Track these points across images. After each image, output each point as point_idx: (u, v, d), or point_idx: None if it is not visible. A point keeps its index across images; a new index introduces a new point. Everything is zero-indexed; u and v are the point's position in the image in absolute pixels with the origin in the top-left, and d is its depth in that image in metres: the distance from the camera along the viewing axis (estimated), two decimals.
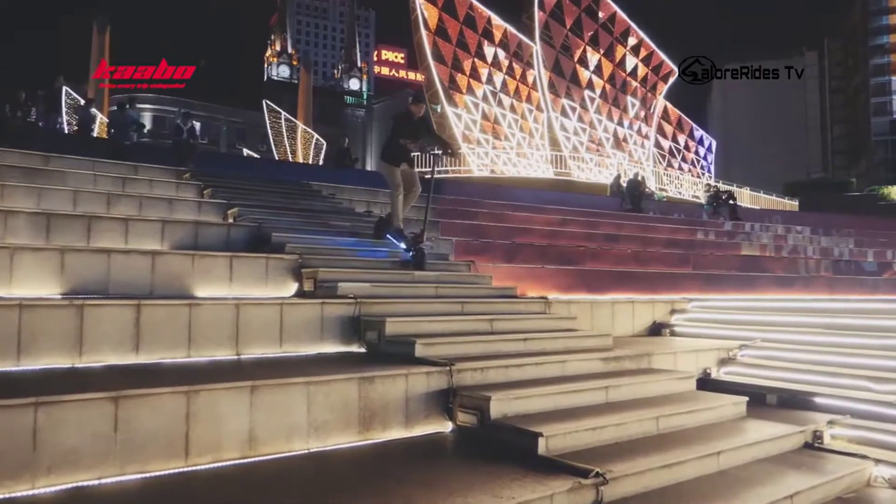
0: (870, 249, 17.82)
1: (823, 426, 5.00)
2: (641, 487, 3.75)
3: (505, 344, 5.58)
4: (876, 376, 5.54)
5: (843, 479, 4.29)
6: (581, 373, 5.28)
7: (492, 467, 3.68)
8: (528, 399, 4.48)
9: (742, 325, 7.40)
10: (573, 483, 3.42)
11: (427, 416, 4.49)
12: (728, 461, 4.25)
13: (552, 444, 3.95)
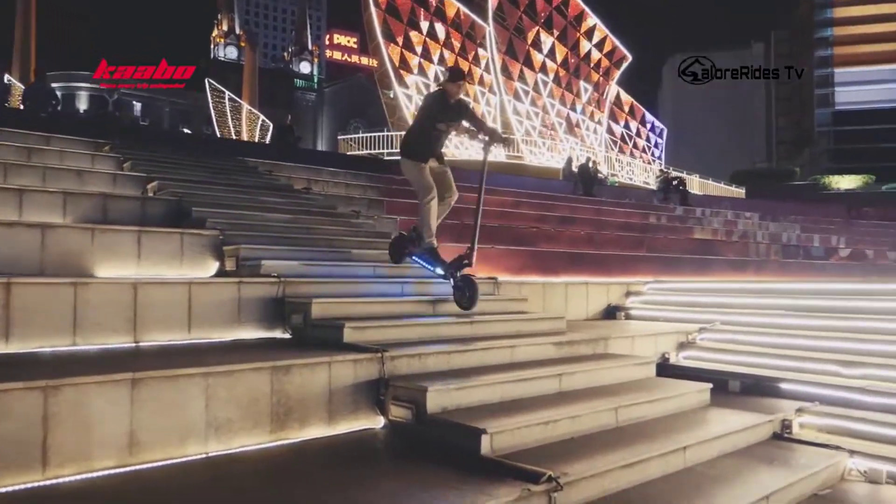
0: (815, 235, 18.08)
1: (792, 414, 4.60)
2: (600, 491, 3.22)
3: (447, 328, 5.01)
4: (845, 360, 5.19)
5: (819, 475, 3.87)
6: (532, 359, 4.75)
7: (426, 472, 3.11)
8: (472, 389, 3.91)
9: (701, 308, 7.01)
10: (521, 490, 2.87)
11: (354, 410, 3.88)
12: (694, 457, 3.78)
13: (498, 442, 3.39)
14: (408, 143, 5.62)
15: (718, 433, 4.04)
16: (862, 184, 41.72)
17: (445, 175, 5.56)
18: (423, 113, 5.65)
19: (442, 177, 5.52)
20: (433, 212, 5.42)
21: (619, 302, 7.77)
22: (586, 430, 3.85)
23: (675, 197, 21.72)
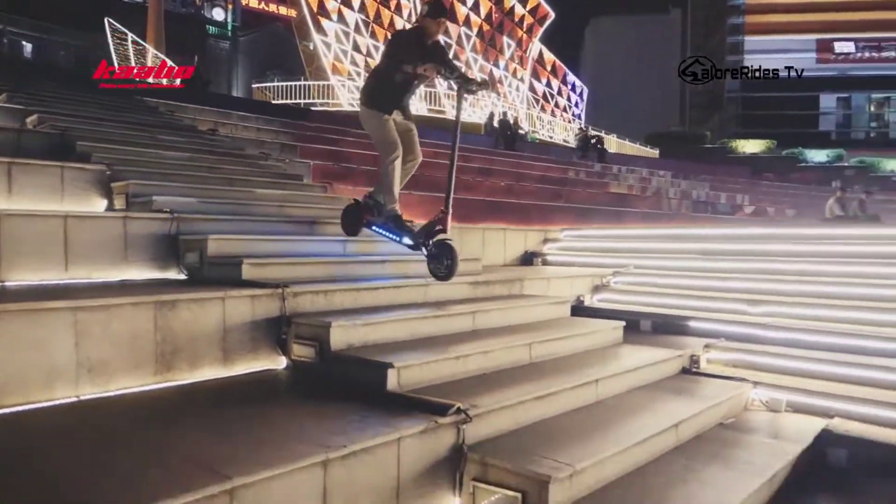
0: (722, 193, 18.94)
1: (700, 350, 4.67)
2: (511, 423, 3.10)
3: (359, 267, 4.75)
4: (750, 299, 5.31)
5: (724, 405, 3.92)
6: (446, 298, 4.57)
7: (326, 408, 2.88)
8: (380, 326, 3.69)
9: (615, 253, 7.06)
10: (427, 422, 2.69)
11: (253, 350, 3.58)
12: (606, 390, 3.73)
13: (406, 377, 3.19)
14: (370, 90, 4.71)
15: (630, 367, 4.01)
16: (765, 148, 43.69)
17: (410, 133, 4.73)
18: (390, 52, 4.69)
19: (406, 135, 4.67)
20: (397, 174, 4.60)
21: (536, 248, 7.72)
22: (499, 366, 3.72)
23: (593, 155, 22.13)
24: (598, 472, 2.79)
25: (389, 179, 4.62)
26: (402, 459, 2.58)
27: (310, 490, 2.27)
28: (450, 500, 2.79)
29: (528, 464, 2.64)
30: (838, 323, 4.72)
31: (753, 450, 3.38)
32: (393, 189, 4.64)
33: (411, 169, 4.82)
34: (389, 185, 4.63)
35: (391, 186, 4.63)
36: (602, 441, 2.96)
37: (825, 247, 5.83)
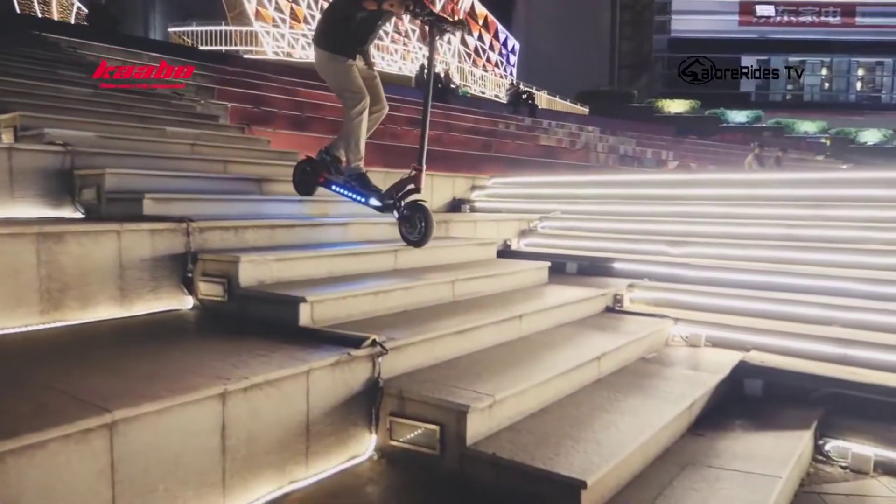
0: (649, 149, 19.37)
1: (623, 290, 4.68)
2: (431, 359, 2.98)
3: (275, 206, 4.49)
4: (672, 240, 5.36)
5: (645, 340, 3.93)
6: (367, 238, 4.38)
7: (233, 345, 2.66)
8: (295, 262, 3.47)
9: (542, 200, 7.00)
10: (340, 355, 2.52)
11: (155, 289, 3.31)
12: (530, 326, 3.66)
13: (321, 312, 3.01)
14: (326, 31, 4.09)
15: (554, 304, 3.96)
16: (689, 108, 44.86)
17: (375, 82, 4.26)
18: None
19: (370, 82, 4.18)
20: (364, 126, 4.13)
21: (464, 196, 7.59)
22: (421, 303, 3.59)
23: (524, 110, 22.16)
24: (519, 403, 2.71)
25: (356, 133, 4.13)
26: (311, 394, 2.41)
27: (205, 425, 2.07)
28: (366, 437, 2.66)
29: (447, 395, 2.53)
30: (756, 262, 4.81)
31: (673, 381, 3.40)
32: (360, 144, 4.17)
33: (377, 120, 4.37)
34: (356, 139, 4.15)
35: (358, 141, 4.16)
36: (524, 373, 2.88)
37: (744, 190, 5.94)
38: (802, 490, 2.83)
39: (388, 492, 2.43)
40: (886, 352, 3.61)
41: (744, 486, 2.42)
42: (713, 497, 2.32)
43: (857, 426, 3.20)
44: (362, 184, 4.22)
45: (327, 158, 4.39)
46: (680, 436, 2.99)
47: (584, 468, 2.22)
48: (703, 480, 2.48)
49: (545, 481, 2.22)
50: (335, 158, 4.37)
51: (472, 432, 2.45)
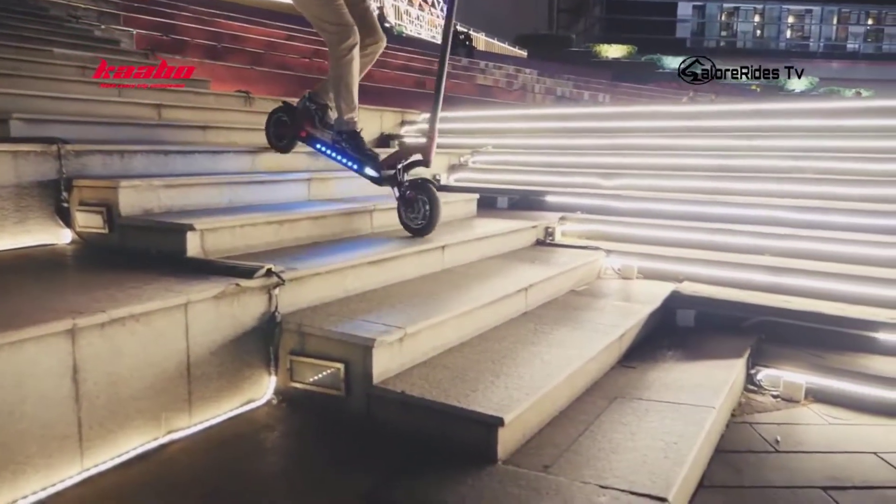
0: (585, 92, 19.26)
1: (555, 222, 4.47)
2: (341, 291, 2.68)
3: (176, 132, 4.03)
4: (606, 172, 5.17)
5: (576, 271, 3.73)
6: (278, 167, 3.98)
7: (104, 279, 2.28)
8: (188, 189, 3.06)
9: (474, 134, 6.68)
10: (227, 286, 2.19)
11: (22, 220, 2.85)
12: (454, 258, 3.39)
13: (214, 242, 2.65)
14: None
15: (480, 235, 3.69)
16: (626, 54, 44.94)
17: (364, 7, 3.47)
18: None
19: (358, 10, 3.39)
20: (355, 67, 3.31)
21: (392, 131, 7.20)
22: (334, 234, 3.26)
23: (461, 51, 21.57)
24: (435, 337, 2.46)
25: (345, 77, 3.30)
26: (191, 330, 2.08)
27: (50, 367, 1.72)
28: (264, 379, 2.35)
29: (352, 329, 2.24)
30: (689, 193, 4.67)
31: (604, 312, 3.21)
32: (352, 90, 3.37)
33: (373, 57, 3.54)
34: (346, 84, 3.33)
35: (349, 86, 3.34)
36: (443, 305, 2.62)
37: (678, 122, 5.78)
38: (734, 420, 2.71)
39: (285, 438, 2.15)
40: (817, 279, 3.52)
41: (674, 419, 2.26)
42: (642, 431, 2.14)
43: (788, 354, 3.10)
44: (355, 145, 3.41)
45: (312, 107, 3.61)
46: (610, 368, 2.82)
47: (502, 405, 1.98)
48: (632, 413, 2.30)
49: (459, 420, 1.98)
50: (322, 107, 3.61)
51: (381, 369, 2.18)
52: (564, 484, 1.79)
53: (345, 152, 3.44)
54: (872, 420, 2.76)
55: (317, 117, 3.63)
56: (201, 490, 1.80)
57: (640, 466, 1.88)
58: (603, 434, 2.12)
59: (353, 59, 3.29)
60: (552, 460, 1.94)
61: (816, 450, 2.47)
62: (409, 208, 3.28)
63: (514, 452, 1.99)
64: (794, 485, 2.20)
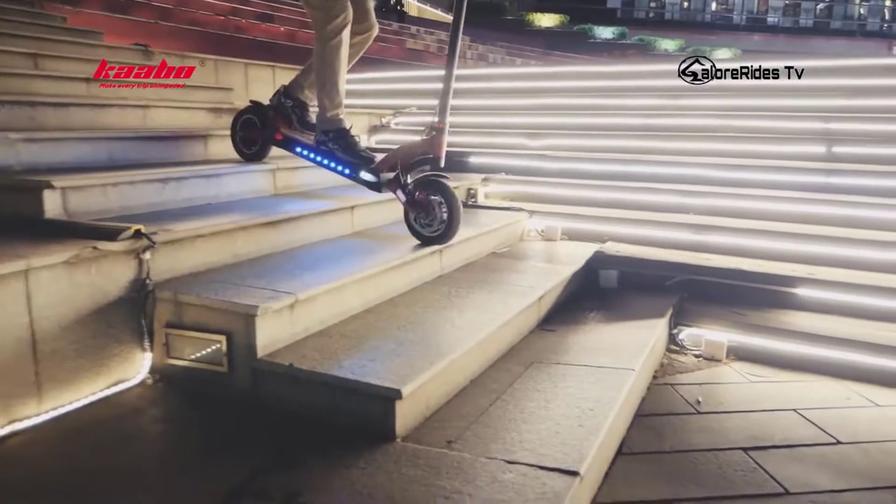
0: (518, 59, 19.13)
1: (478, 183, 4.28)
2: (230, 256, 2.39)
3: (55, 84, 3.60)
4: (531, 132, 4.98)
5: (498, 233, 3.55)
6: (173, 127, 3.62)
7: None
8: (57, 145, 2.69)
9: (398, 95, 6.38)
10: (81, 249, 1.88)
11: None
12: (366, 220, 3.15)
13: (79, 202, 2.30)
14: None
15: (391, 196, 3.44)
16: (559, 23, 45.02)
17: None
18: None
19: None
20: (344, 53, 2.84)
21: None
22: (231, 195, 2.95)
23: (393, 16, 21.12)
24: (335, 303, 2.22)
25: (332, 65, 2.82)
26: (35, 301, 1.77)
27: None
28: (137, 355, 2.06)
29: (234, 297, 1.97)
30: (615, 153, 4.55)
31: (524, 274, 3.04)
32: (338, 82, 2.88)
33: (361, 47, 3.11)
34: (333, 73, 2.84)
35: (335, 77, 2.85)
36: (347, 269, 2.37)
37: (604, 82, 5.64)
38: (656, 382, 2.60)
39: (156, 423, 1.87)
40: (739, 236, 3.46)
41: (592, 383, 2.10)
42: (557, 398, 1.98)
43: (711, 312, 3.02)
44: (345, 146, 2.92)
45: (288, 104, 3.15)
46: (529, 332, 2.65)
47: (401, 375, 1.77)
48: (548, 380, 2.13)
49: (353, 395, 1.76)
50: (300, 104, 3.16)
51: (267, 341, 1.93)
52: (467, 461, 1.60)
53: (332, 155, 2.93)
54: (792, 376, 2.70)
55: (294, 116, 3.15)
56: (41, 490, 1.53)
57: (553, 437, 1.71)
58: (515, 403, 1.94)
59: (341, 42, 2.80)
60: (458, 434, 1.75)
61: (738, 409, 2.38)
62: (422, 212, 2.75)
63: (415, 428, 1.79)
64: (715, 447, 2.09)
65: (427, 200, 2.73)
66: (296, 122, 3.15)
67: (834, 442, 2.16)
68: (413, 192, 2.76)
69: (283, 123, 3.14)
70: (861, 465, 2.02)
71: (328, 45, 2.80)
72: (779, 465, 1.99)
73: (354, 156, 2.90)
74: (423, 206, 2.74)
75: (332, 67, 2.84)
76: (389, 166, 2.80)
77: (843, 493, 1.85)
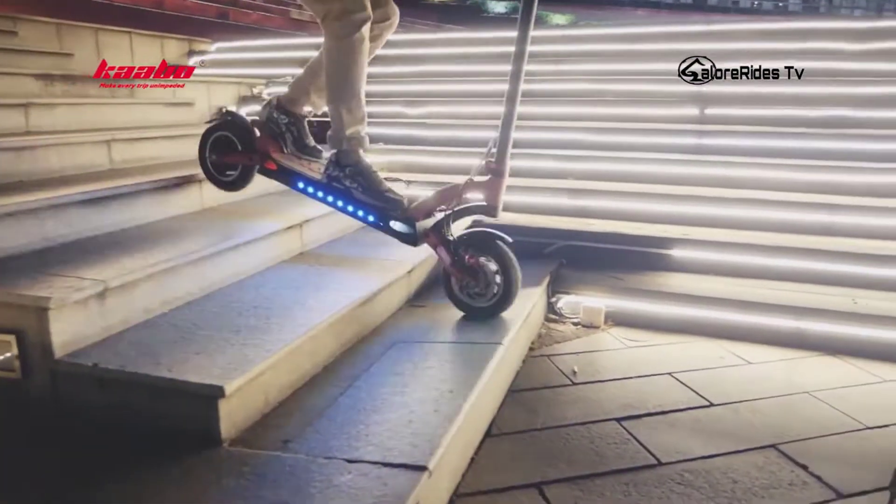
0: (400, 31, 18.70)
1: None
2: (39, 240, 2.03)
3: None
4: (411, 100, 4.76)
5: None
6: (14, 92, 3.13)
7: None
8: None
9: (276, 65, 5.97)
10: None
11: None
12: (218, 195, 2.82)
13: None
14: None
15: None
16: None
17: None
18: None
19: None
20: (365, 54, 2.27)
21: (178, 61, 6.26)
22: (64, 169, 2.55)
23: None
24: (164, 288, 1.92)
25: (351, 67, 2.24)
26: None
27: None
28: None
29: (29, 287, 1.64)
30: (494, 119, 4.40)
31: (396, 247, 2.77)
32: (357, 89, 2.30)
33: (381, 41, 2.50)
34: (352, 79, 2.26)
35: (355, 84, 2.28)
36: (180, 249, 2.07)
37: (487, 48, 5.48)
38: (532, 354, 2.48)
39: None
40: (618, 199, 3.41)
41: (456, 362, 1.93)
42: (416, 380, 1.79)
43: (590, 279, 2.93)
44: (366, 184, 2.31)
45: (282, 120, 2.54)
46: (397, 309, 2.45)
47: (228, 369, 1.52)
48: (409, 360, 1.94)
49: (171, 395, 1.49)
50: (297, 120, 2.54)
51: (69, 337, 1.62)
52: (302, 463, 1.38)
53: (349, 197, 2.31)
54: (668, 339, 2.66)
55: (289, 137, 2.54)
56: None
57: (404, 427, 1.51)
58: (369, 390, 1.74)
59: (362, 38, 2.20)
60: (297, 432, 1.52)
61: (614, 377, 2.30)
62: (469, 276, 2.22)
63: (248, 428, 1.54)
64: (588, 420, 1.98)
65: (476, 266, 2.20)
66: (290, 145, 2.53)
67: (707, 404, 2.11)
68: (461, 254, 2.21)
69: (273, 146, 2.49)
70: (732, 426, 1.97)
71: (343, 44, 2.19)
72: (652, 434, 1.90)
73: (379, 197, 2.30)
74: (474, 273, 2.21)
75: (349, 71, 2.24)
76: (427, 212, 2.26)
77: (714, 459, 1.78)
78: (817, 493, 1.64)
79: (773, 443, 1.87)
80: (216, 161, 2.60)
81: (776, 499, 1.60)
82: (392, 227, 2.29)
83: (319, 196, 2.41)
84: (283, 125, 2.55)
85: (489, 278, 2.20)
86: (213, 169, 2.61)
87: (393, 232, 2.30)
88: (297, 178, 2.45)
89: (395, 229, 2.28)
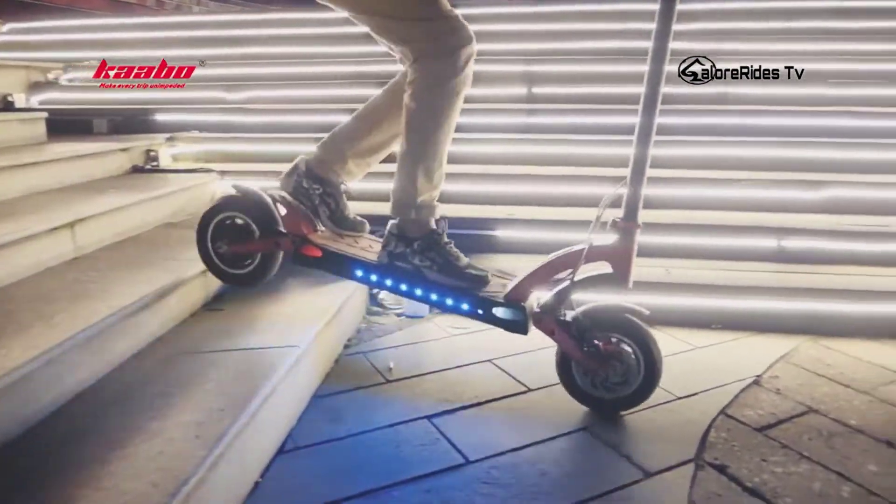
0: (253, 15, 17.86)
1: (160, 144, 3.63)
2: None
3: None
4: (231, 85, 4.39)
5: (171, 199, 2.97)
6: None
7: None
8: None
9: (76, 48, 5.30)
10: None
11: None
12: None
13: None
14: None
15: (26, 161, 2.69)
16: None
17: None
18: None
19: None
20: (459, 108, 1.80)
21: None
22: None
23: None
24: None
25: (440, 122, 1.77)
26: None
27: None
28: None
29: None
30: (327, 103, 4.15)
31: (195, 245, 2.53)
32: (444, 150, 1.83)
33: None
34: (440, 138, 1.80)
35: (442, 143, 1.81)
36: None
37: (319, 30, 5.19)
38: (347, 353, 2.29)
39: None
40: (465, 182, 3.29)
41: (240, 373, 1.70)
42: (186, 400, 1.53)
43: None
44: (442, 259, 1.87)
45: (315, 190, 2.02)
46: (190, 315, 2.16)
47: None
48: (184, 377, 1.68)
49: None
50: (333, 188, 2.01)
51: None
52: None
53: (418, 278, 1.86)
54: None
55: (325, 210, 2.03)
56: None
57: (152, 461, 1.26)
58: (122, 418, 1.46)
59: (465, 82, 1.76)
60: (18, 484, 1.22)
61: (433, 369, 2.16)
62: (599, 363, 1.81)
63: None
64: (397, 421, 1.82)
65: (618, 351, 1.79)
66: (326, 221, 2.04)
67: (524, 390, 2.03)
68: (591, 341, 1.80)
69: (307, 225, 1.99)
70: (546, 411, 1.89)
71: (446, 88, 1.73)
72: (464, 430, 1.78)
73: (461, 276, 1.85)
74: (607, 361, 1.80)
75: (441, 125, 1.77)
76: (529, 290, 1.82)
77: (524, 450, 1.68)
78: (626, 474, 1.58)
79: (585, 425, 1.81)
80: (222, 254, 2.08)
81: (581, 488, 1.52)
82: (500, 316, 1.81)
83: (377, 281, 1.93)
84: (318, 196, 2.04)
85: (628, 362, 1.80)
86: (221, 262, 2.09)
87: (493, 320, 1.83)
88: (353, 265, 1.94)
89: (498, 317, 1.82)
